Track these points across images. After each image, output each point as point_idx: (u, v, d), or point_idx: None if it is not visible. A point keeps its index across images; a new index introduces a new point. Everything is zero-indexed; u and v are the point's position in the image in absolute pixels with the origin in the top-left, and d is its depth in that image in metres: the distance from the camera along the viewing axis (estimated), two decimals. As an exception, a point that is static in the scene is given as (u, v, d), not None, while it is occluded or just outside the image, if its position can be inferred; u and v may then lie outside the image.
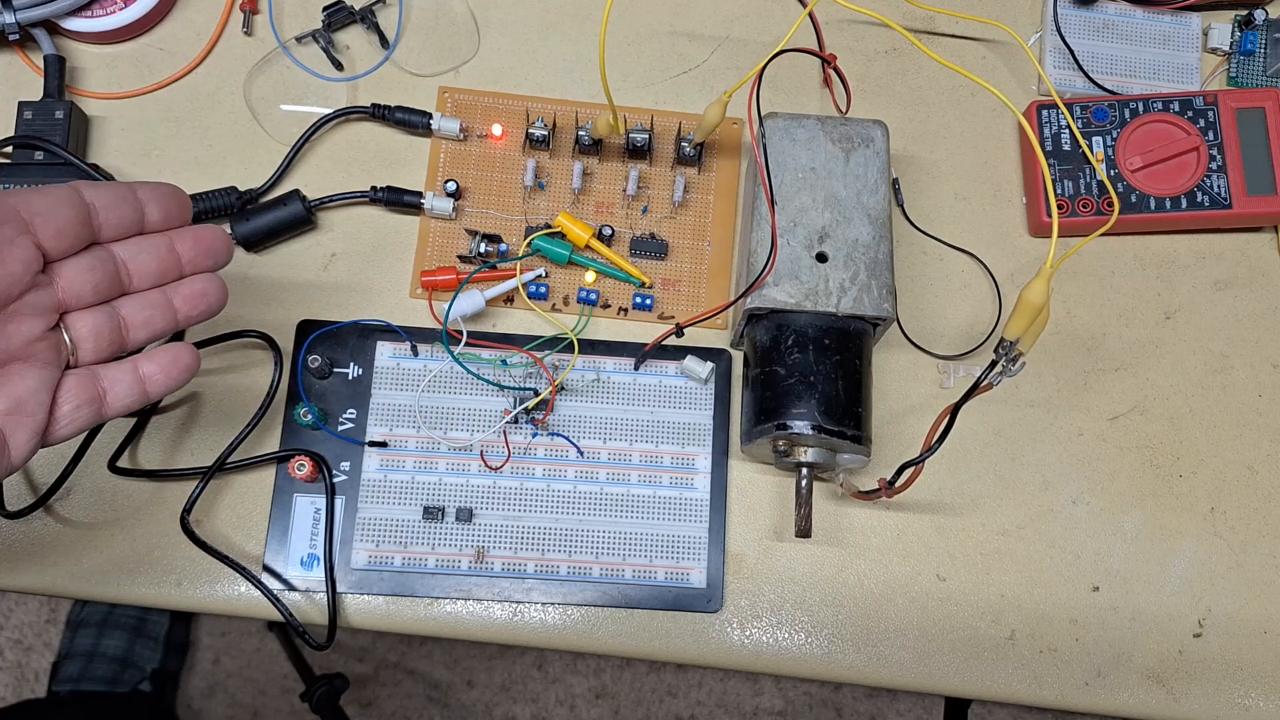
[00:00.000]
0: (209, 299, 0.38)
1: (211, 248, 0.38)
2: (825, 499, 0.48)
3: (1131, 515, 0.49)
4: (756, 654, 0.47)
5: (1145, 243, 0.53)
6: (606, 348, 0.49)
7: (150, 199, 0.37)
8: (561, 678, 1.16)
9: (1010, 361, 0.39)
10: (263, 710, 1.14)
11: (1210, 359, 0.51)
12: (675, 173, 0.52)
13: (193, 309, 0.38)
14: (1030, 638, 0.47)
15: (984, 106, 0.54)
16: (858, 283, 0.44)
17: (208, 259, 0.38)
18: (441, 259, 0.50)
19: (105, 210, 0.36)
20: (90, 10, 0.51)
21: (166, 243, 0.38)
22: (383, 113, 0.51)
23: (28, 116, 0.49)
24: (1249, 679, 0.47)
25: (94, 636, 1.04)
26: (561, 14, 0.55)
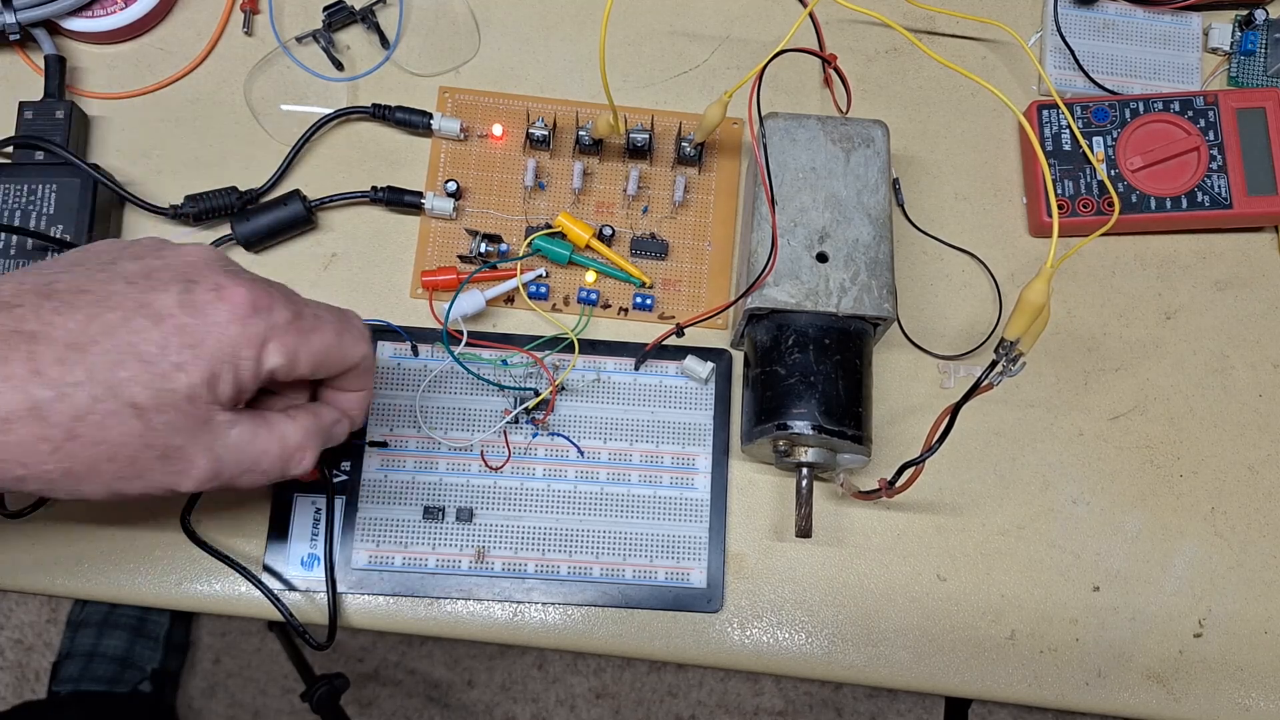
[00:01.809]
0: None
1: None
2: (825, 499, 0.48)
3: (1132, 515, 0.49)
4: (757, 654, 0.47)
5: (1145, 243, 0.53)
6: (607, 348, 0.49)
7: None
8: (562, 678, 1.16)
9: (1010, 361, 0.39)
10: (263, 710, 1.14)
11: (1210, 359, 0.51)
12: (676, 173, 0.52)
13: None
14: (1030, 638, 0.47)
15: (984, 106, 0.54)
16: (858, 283, 0.44)
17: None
18: (442, 259, 0.50)
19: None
20: (91, 10, 0.51)
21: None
22: (383, 113, 0.51)
23: (28, 116, 0.49)
24: (1249, 679, 0.47)
25: (94, 636, 1.04)
26: (562, 14, 0.55)
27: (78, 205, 0.47)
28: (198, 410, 0.32)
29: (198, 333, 0.32)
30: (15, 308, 0.30)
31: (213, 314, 0.32)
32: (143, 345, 0.31)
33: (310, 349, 0.34)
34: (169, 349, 0.31)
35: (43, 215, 0.47)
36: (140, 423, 0.31)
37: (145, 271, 0.33)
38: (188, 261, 0.33)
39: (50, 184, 0.48)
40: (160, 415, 0.31)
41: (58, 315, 0.30)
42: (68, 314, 0.31)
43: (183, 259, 0.33)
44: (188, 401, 0.32)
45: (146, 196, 0.49)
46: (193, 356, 0.31)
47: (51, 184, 0.48)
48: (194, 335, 0.32)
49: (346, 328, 0.36)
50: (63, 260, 0.34)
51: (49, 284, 0.32)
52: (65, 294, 0.31)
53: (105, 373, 0.30)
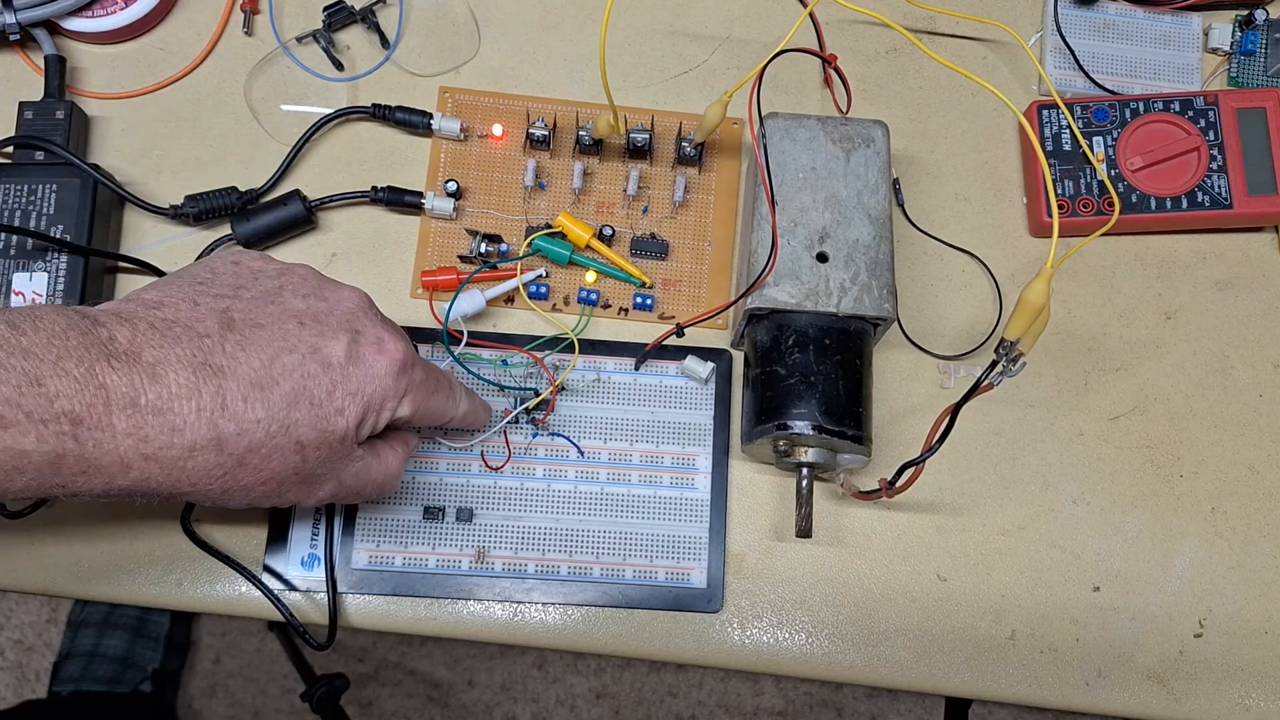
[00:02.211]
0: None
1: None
2: (826, 499, 0.48)
3: (1132, 515, 0.49)
4: (757, 654, 0.47)
5: (1146, 243, 0.53)
6: (607, 348, 0.49)
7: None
8: (562, 678, 1.16)
9: (1011, 361, 0.39)
10: (263, 710, 1.14)
11: (1211, 359, 0.51)
12: (676, 173, 0.52)
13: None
14: (1031, 638, 0.47)
15: (984, 106, 0.54)
16: (858, 283, 0.44)
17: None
18: (442, 259, 0.50)
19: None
20: (91, 10, 0.51)
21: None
22: (383, 113, 0.51)
23: (28, 116, 0.49)
24: (1250, 679, 0.47)
25: (95, 636, 1.04)
26: (562, 14, 0.55)
27: (78, 205, 0.47)
28: (344, 448, 0.36)
29: (359, 381, 0.36)
30: (203, 337, 0.33)
31: (373, 366, 0.36)
32: (315, 390, 0.34)
33: (429, 406, 0.39)
34: (335, 395, 0.35)
35: (43, 215, 0.47)
36: (299, 457, 0.35)
37: (314, 314, 0.36)
38: (348, 309, 0.37)
39: (50, 184, 0.48)
40: (316, 451, 0.35)
41: (241, 351, 0.33)
42: (251, 351, 0.34)
43: (344, 304, 0.37)
44: (340, 441, 0.36)
45: (146, 196, 0.49)
46: (352, 403, 0.35)
47: (51, 184, 0.48)
48: (356, 384, 0.35)
49: (451, 392, 0.41)
50: (224, 278, 0.36)
51: (226, 311, 0.34)
52: (244, 327, 0.34)
53: (281, 412, 0.34)
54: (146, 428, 0.31)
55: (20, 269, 0.47)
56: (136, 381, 0.31)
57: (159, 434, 0.31)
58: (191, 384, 0.32)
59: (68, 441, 0.30)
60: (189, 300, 0.34)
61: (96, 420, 0.30)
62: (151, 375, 0.31)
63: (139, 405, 0.31)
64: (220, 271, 0.37)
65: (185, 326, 0.33)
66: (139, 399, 0.31)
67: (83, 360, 0.30)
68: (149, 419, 0.31)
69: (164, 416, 0.31)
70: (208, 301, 0.34)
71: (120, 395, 0.31)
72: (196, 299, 0.34)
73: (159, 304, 0.34)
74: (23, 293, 0.46)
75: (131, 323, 0.32)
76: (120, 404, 0.31)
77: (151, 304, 0.34)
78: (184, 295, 0.35)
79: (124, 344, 0.32)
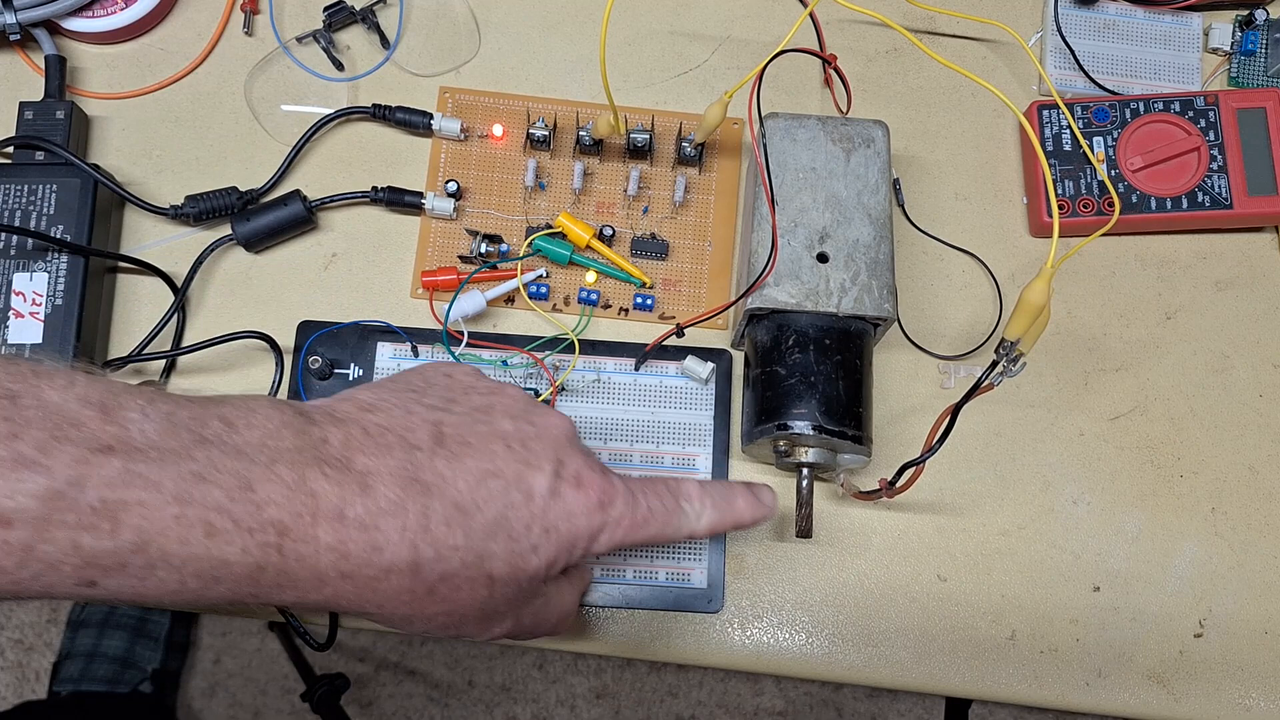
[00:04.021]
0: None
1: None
2: (826, 499, 0.48)
3: (1132, 515, 0.49)
4: (757, 654, 0.47)
5: (1146, 243, 0.53)
6: (607, 348, 0.49)
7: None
8: (562, 678, 1.16)
9: (1011, 362, 0.39)
10: (263, 710, 1.14)
11: (1211, 359, 0.51)
12: (676, 173, 0.52)
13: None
14: (1031, 638, 0.47)
15: (985, 106, 0.54)
16: (858, 283, 0.44)
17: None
18: (442, 259, 0.50)
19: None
20: (91, 10, 0.51)
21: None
22: (383, 113, 0.51)
23: (29, 116, 0.49)
24: (1250, 679, 0.47)
25: (95, 637, 1.04)
26: (562, 14, 0.55)
27: (78, 205, 0.47)
28: (532, 586, 0.34)
29: (555, 518, 0.33)
30: (415, 449, 0.31)
31: (571, 504, 0.33)
32: (514, 522, 0.32)
33: (636, 540, 0.36)
34: (532, 530, 0.33)
35: (43, 215, 0.47)
36: (487, 591, 0.33)
37: (522, 438, 0.34)
38: (555, 436, 0.35)
39: (50, 184, 0.48)
40: (504, 588, 0.33)
41: (450, 469, 0.32)
42: (459, 470, 0.32)
43: (551, 431, 0.35)
44: (529, 579, 0.33)
45: (146, 196, 0.49)
46: (546, 541, 0.33)
47: (52, 184, 0.48)
48: (552, 520, 0.33)
49: (677, 516, 0.37)
50: (437, 388, 0.35)
51: (438, 424, 0.33)
52: (453, 444, 0.32)
53: (479, 542, 0.31)
54: (349, 543, 0.29)
55: (20, 269, 0.47)
56: (346, 492, 0.29)
57: (360, 551, 0.29)
58: (399, 500, 0.30)
59: (271, 553, 0.28)
60: (403, 407, 0.33)
61: (302, 531, 0.28)
62: (362, 486, 0.29)
63: (345, 518, 0.29)
64: (434, 381, 0.35)
65: (398, 435, 0.31)
66: (346, 511, 0.29)
67: (295, 464, 0.29)
68: (353, 534, 0.29)
69: (368, 533, 0.29)
70: (421, 411, 0.33)
71: (329, 505, 0.29)
72: (410, 406, 0.33)
73: (373, 407, 0.33)
74: (23, 292, 0.46)
75: (345, 425, 0.31)
76: (327, 515, 0.29)
77: (365, 406, 0.33)
78: (398, 401, 0.33)
79: (336, 448, 0.30)
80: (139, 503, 0.26)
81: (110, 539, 0.26)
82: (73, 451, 0.25)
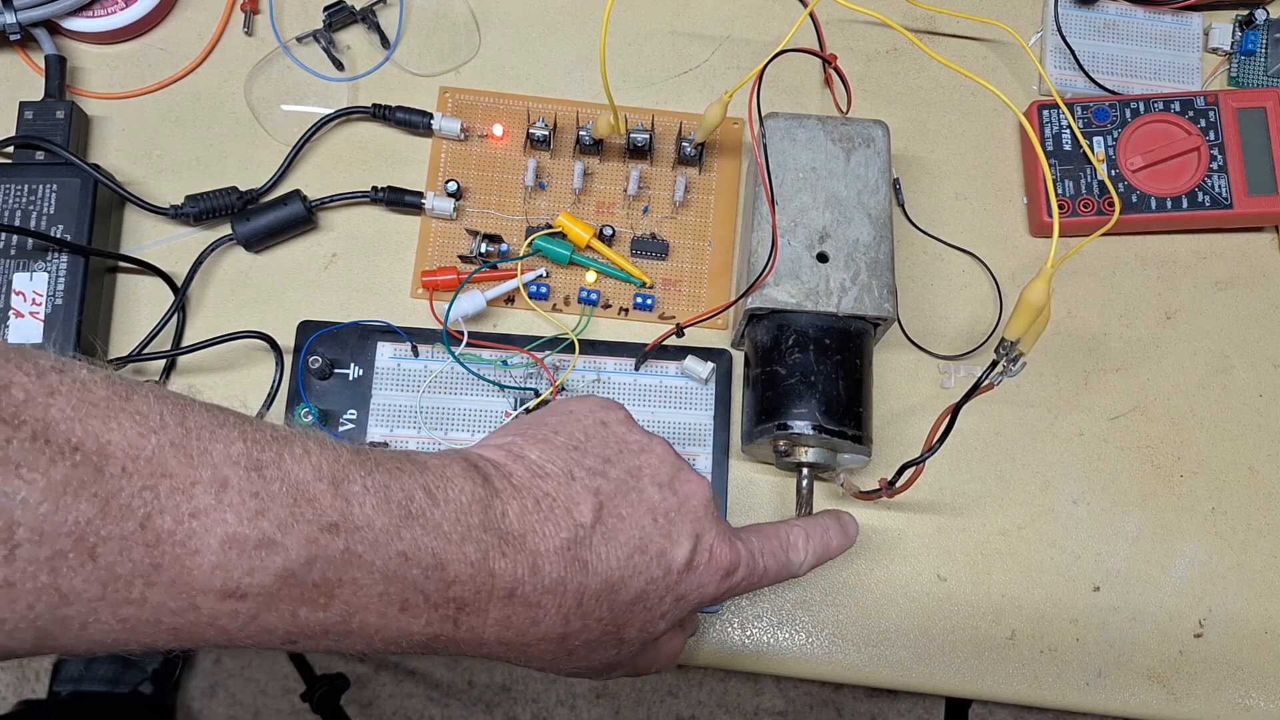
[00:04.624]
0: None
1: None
2: (826, 499, 0.48)
3: (1132, 515, 0.49)
4: (757, 654, 0.47)
5: (1146, 243, 0.53)
6: (607, 348, 0.49)
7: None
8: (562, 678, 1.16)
9: (1011, 361, 0.39)
10: (263, 710, 1.14)
11: (1211, 359, 0.51)
12: (676, 173, 0.52)
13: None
14: (1031, 638, 0.47)
15: (985, 106, 0.54)
16: (858, 283, 0.44)
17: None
18: (442, 259, 0.50)
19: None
20: (91, 10, 0.51)
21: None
22: (383, 113, 0.51)
23: (29, 116, 0.49)
24: (1250, 679, 0.47)
25: (95, 636, 1.04)
26: (562, 14, 0.55)
27: (78, 205, 0.47)
28: (652, 642, 0.36)
29: (687, 588, 0.35)
30: (579, 525, 0.33)
31: (703, 575, 0.35)
32: (652, 595, 0.34)
33: (748, 590, 0.38)
34: (665, 599, 0.35)
35: (43, 215, 0.47)
36: (616, 650, 0.35)
37: (666, 511, 0.35)
38: (695, 507, 0.36)
39: (50, 184, 0.48)
40: (631, 647, 0.35)
41: (605, 546, 0.33)
42: (613, 547, 0.33)
43: (692, 500, 0.36)
44: (653, 639, 0.36)
45: (147, 196, 0.49)
46: (675, 607, 0.35)
47: (52, 184, 0.48)
48: (684, 590, 0.35)
49: (787, 568, 0.39)
50: (595, 444, 0.36)
51: (597, 493, 0.34)
52: (609, 518, 0.33)
53: (621, 614, 0.34)
54: (513, 618, 0.31)
55: (20, 269, 0.47)
56: (519, 571, 0.31)
57: (520, 624, 0.31)
58: (561, 579, 0.32)
59: (448, 625, 0.30)
60: (567, 473, 0.34)
61: (478, 606, 0.30)
62: (532, 567, 0.31)
63: (515, 596, 0.31)
64: (592, 434, 0.36)
65: (565, 509, 0.33)
66: (517, 590, 0.31)
67: (480, 543, 0.30)
68: (518, 610, 0.31)
69: (530, 609, 0.31)
70: (583, 477, 0.34)
71: (503, 585, 0.30)
72: (574, 471, 0.34)
73: (544, 473, 0.34)
74: (23, 292, 0.46)
75: (520, 496, 0.32)
76: (500, 594, 0.31)
77: (537, 471, 0.34)
78: (563, 464, 0.34)
79: (514, 524, 0.31)
80: (353, 581, 0.28)
81: (323, 611, 0.27)
82: (306, 531, 0.27)
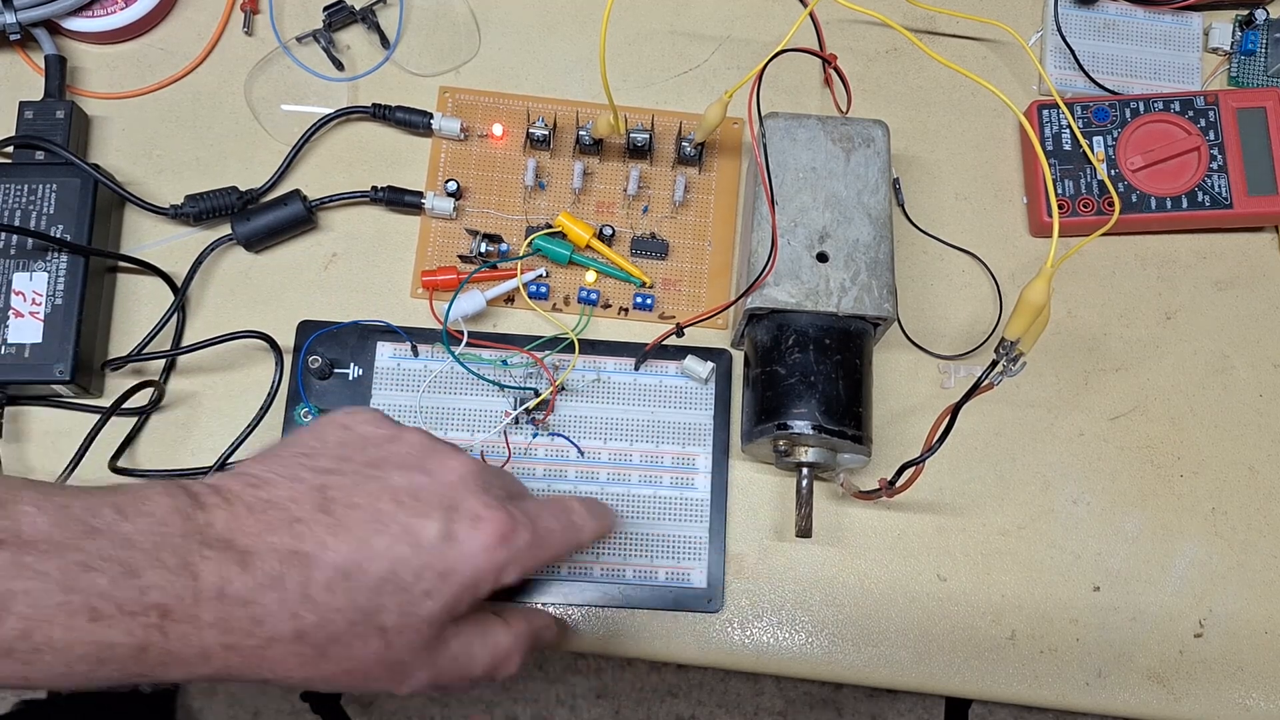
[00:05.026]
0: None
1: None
2: (826, 499, 0.48)
3: (1132, 515, 0.49)
4: (757, 654, 0.47)
5: (1146, 243, 0.53)
6: (607, 348, 0.49)
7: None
8: (562, 677, 1.16)
9: (1011, 361, 0.39)
10: (263, 710, 1.14)
11: (1211, 359, 0.51)
12: (676, 172, 0.52)
13: None
14: (1031, 638, 0.47)
15: (985, 106, 0.54)
16: (858, 283, 0.44)
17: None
18: (442, 259, 0.50)
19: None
20: (91, 10, 0.51)
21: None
22: (383, 113, 0.51)
23: (29, 116, 0.49)
24: (1250, 679, 0.47)
25: (95, 636, 1.04)
26: (562, 14, 0.55)
27: (78, 205, 0.47)
28: (433, 632, 0.34)
29: (451, 561, 0.33)
30: (296, 521, 0.32)
31: (467, 545, 0.34)
32: (402, 573, 0.33)
33: (540, 562, 0.36)
34: (423, 577, 0.33)
35: (43, 215, 0.47)
36: (382, 642, 0.33)
37: (413, 490, 0.34)
38: (449, 481, 0.35)
39: (50, 184, 0.48)
40: (401, 636, 0.33)
41: (332, 536, 0.32)
42: (342, 536, 0.32)
43: (446, 476, 0.35)
44: (428, 625, 0.34)
45: (147, 196, 0.49)
46: (442, 584, 0.33)
47: (52, 184, 0.48)
48: (447, 564, 0.33)
49: (571, 531, 0.38)
50: (330, 446, 0.35)
51: (324, 489, 0.33)
52: (339, 508, 0.33)
53: (365, 600, 0.32)
54: (230, 618, 0.30)
55: (20, 269, 0.47)
56: (226, 570, 0.30)
57: (241, 624, 0.31)
58: (277, 573, 0.31)
59: (154, 634, 0.29)
60: (290, 476, 0.34)
61: (184, 612, 0.30)
62: (241, 564, 0.31)
63: (225, 595, 0.30)
64: (328, 439, 0.36)
65: (281, 509, 0.32)
66: (226, 589, 0.30)
67: (178, 550, 0.30)
68: (234, 609, 0.30)
69: (248, 607, 0.31)
70: (308, 477, 0.34)
71: (209, 585, 0.30)
72: (299, 474, 0.34)
73: (261, 482, 0.33)
74: (23, 292, 0.46)
75: (231, 505, 0.32)
76: (208, 594, 0.30)
77: (253, 481, 0.33)
78: (286, 471, 0.34)
79: (220, 530, 0.31)
80: (25, 591, 0.27)
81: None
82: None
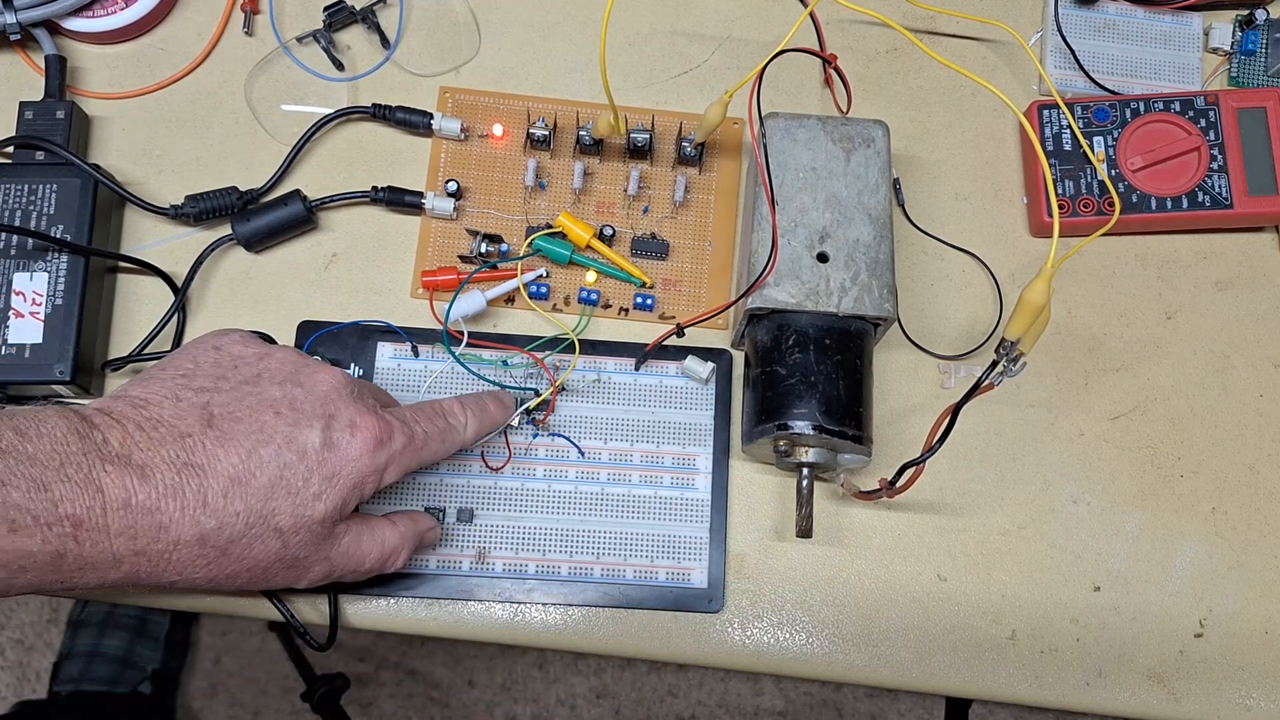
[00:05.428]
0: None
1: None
2: (826, 499, 0.48)
3: (1132, 515, 0.49)
4: (757, 654, 0.47)
5: (1146, 243, 0.53)
6: (607, 348, 0.49)
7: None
8: (562, 678, 1.16)
9: (1011, 361, 0.39)
10: (264, 710, 1.14)
11: (1211, 359, 0.51)
12: (676, 173, 0.52)
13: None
14: (1031, 638, 0.47)
15: (985, 106, 0.54)
16: (858, 283, 0.44)
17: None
18: (442, 259, 0.50)
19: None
20: (91, 10, 0.51)
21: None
22: (384, 113, 0.51)
23: (29, 116, 0.49)
24: (1250, 679, 0.47)
25: (95, 636, 1.04)
26: (562, 14, 0.55)
27: (78, 205, 0.47)
28: (324, 530, 0.38)
29: (335, 465, 0.37)
30: (185, 436, 0.35)
31: (347, 450, 0.37)
32: (291, 478, 0.36)
33: (420, 462, 0.40)
34: (311, 481, 0.36)
35: (43, 215, 0.47)
36: (279, 542, 0.37)
37: (290, 401, 0.37)
38: (323, 392, 0.38)
39: (50, 184, 0.48)
40: (296, 536, 0.37)
41: (220, 448, 0.35)
42: (230, 447, 0.35)
43: (319, 388, 0.38)
44: (320, 524, 0.37)
45: (147, 196, 0.49)
46: (330, 486, 0.37)
47: (52, 184, 0.48)
48: (332, 468, 0.37)
49: (449, 433, 0.41)
50: (204, 368, 0.38)
51: (206, 407, 0.36)
52: (223, 422, 0.36)
53: (260, 504, 0.36)
54: (137, 526, 0.33)
55: (20, 269, 0.47)
56: (129, 483, 0.33)
57: (147, 530, 0.34)
58: (176, 484, 0.34)
59: (69, 542, 0.32)
60: (172, 397, 0.36)
61: (95, 521, 0.33)
62: (141, 476, 0.34)
63: (131, 506, 0.33)
64: (201, 361, 0.38)
65: (169, 426, 0.35)
66: (131, 500, 0.33)
67: (81, 465, 0.33)
68: (140, 518, 0.33)
69: (153, 515, 0.34)
70: (190, 397, 0.36)
71: (115, 498, 0.33)
72: (179, 394, 0.36)
73: (145, 403, 0.36)
74: (23, 292, 0.46)
75: (122, 424, 0.35)
76: (115, 505, 0.33)
77: (138, 403, 0.36)
78: (167, 392, 0.36)
79: (116, 447, 0.34)
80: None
81: None
82: None
